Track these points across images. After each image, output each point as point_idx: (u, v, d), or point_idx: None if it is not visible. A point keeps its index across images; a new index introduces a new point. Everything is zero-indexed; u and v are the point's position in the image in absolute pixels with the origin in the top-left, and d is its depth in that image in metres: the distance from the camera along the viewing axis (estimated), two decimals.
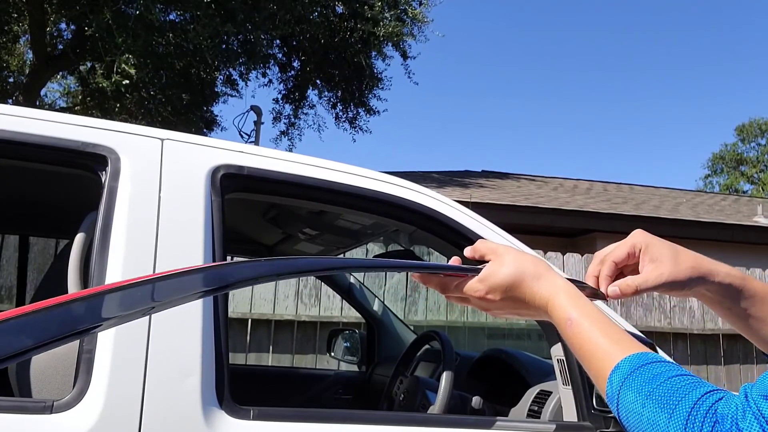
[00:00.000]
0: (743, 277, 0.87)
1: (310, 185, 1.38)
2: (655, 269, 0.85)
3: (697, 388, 0.64)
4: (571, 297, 0.80)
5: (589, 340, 0.74)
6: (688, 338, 5.97)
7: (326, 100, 12.04)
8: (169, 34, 8.23)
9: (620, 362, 0.69)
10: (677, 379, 0.65)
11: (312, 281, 5.14)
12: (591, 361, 0.74)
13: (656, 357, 0.69)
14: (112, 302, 0.64)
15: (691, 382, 0.65)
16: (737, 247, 8.33)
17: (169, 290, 0.68)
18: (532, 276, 0.83)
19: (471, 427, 1.41)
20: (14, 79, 11.44)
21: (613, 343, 0.72)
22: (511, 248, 0.88)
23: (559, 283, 0.82)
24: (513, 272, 0.84)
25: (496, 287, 0.85)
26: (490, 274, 0.86)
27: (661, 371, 0.67)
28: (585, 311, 0.78)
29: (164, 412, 1.10)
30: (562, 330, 0.79)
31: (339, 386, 2.81)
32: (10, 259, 4.34)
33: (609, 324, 0.76)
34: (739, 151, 30.15)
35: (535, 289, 0.83)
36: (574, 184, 11.83)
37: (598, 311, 0.78)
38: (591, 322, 0.76)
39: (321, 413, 1.30)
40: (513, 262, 0.85)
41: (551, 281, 0.83)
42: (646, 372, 0.67)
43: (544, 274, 0.84)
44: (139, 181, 1.22)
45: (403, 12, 10.27)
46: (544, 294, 0.82)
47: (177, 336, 1.14)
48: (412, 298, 5.62)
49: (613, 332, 0.74)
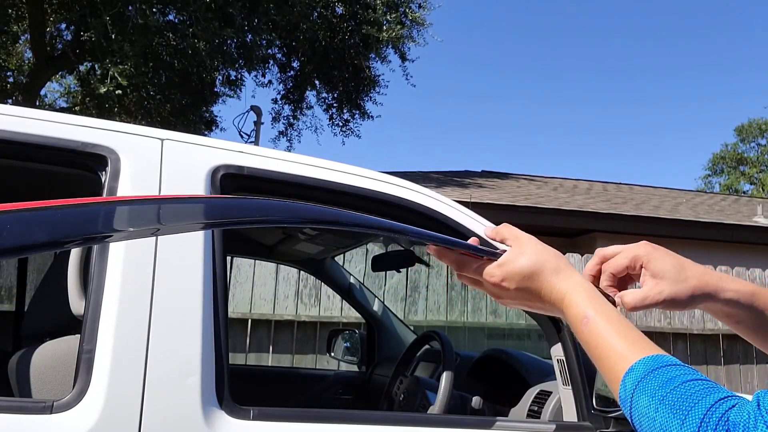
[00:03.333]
0: (752, 292, 0.83)
1: (310, 185, 1.38)
2: (656, 286, 0.81)
3: (710, 394, 0.63)
4: (589, 295, 0.79)
5: (605, 340, 0.73)
6: (688, 338, 5.97)
7: (323, 101, 12.05)
8: (169, 34, 8.24)
9: (635, 364, 0.68)
10: (691, 384, 0.64)
11: (312, 281, 5.14)
12: (605, 361, 0.72)
13: (671, 360, 0.68)
14: (122, 215, 0.64)
15: (705, 387, 0.64)
16: (737, 247, 8.33)
17: (173, 213, 0.67)
18: (552, 269, 0.82)
19: (471, 427, 1.41)
20: (14, 79, 11.44)
21: (628, 344, 0.71)
22: (533, 238, 0.86)
23: (578, 280, 0.81)
24: (533, 262, 0.82)
25: (513, 275, 0.83)
26: (509, 260, 0.84)
27: (675, 375, 0.66)
28: (602, 310, 0.76)
29: (164, 412, 1.10)
30: (576, 328, 0.77)
31: (339, 386, 2.81)
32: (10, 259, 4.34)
33: (626, 325, 0.74)
34: (739, 151, 30.17)
35: (553, 282, 0.81)
36: (574, 184, 11.83)
37: (616, 311, 0.77)
38: (607, 322, 0.74)
39: (321, 413, 1.30)
40: (534, 251, 0.83)
41: (570, 277, 0.81)
42: (661, 375, 0.66)
43: (564, 269, 0.82)
44: (139, 181, 1.22)
45: (404, 15, 10.27)
46: (562, 289, 0.80)
47: (177, 336, 1.14)
48: (412, 298, 5.62)
49: (630, 333, 0.73)
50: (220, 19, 8.12)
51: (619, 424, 1.37)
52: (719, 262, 6.43)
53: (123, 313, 1.11)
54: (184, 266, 1.17)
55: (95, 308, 1.11)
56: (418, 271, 5.59)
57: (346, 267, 3.58)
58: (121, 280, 1.13)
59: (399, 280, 5.54)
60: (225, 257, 1.25)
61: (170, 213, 0.67)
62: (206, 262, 1.19)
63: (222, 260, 1.22)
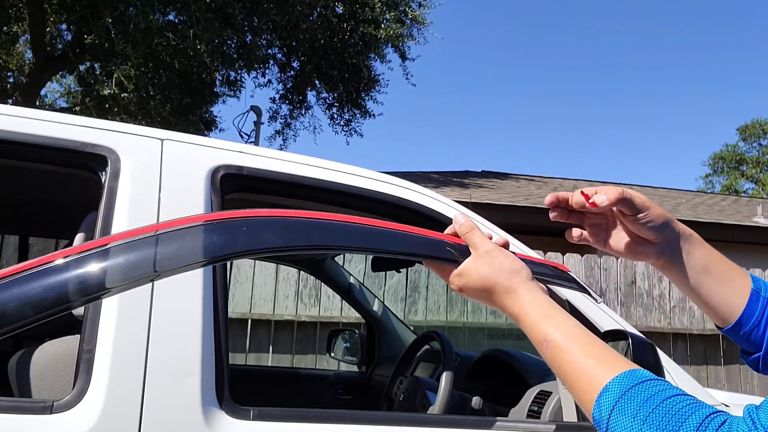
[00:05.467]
0: (703, 240, 0.90)
1: (310, 185, 1.38)
2: (634, 192, 0.86)
3: (697, 411, 0.60)
4: (544, 313, 0.76)
5: (570, 362, 0.70)
6: (688, 338, 5.97)
7: (323, 101, 12.04)
8: (169, 34, 8.23)
9: (608, 383, 0.65)
10: (673, 400, 0.62)
11: (312, 281, 5.14)
12: (574, 383, 0.69)
13: (646, 375, 0.66)
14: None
15: (689, 404, 0.61)
16: (737, 247, 8.32)
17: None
18: (503, 289, 0.80)
19: (471, 427, 1.41)
20: (14, 80, 11.44)
21: (596, 362, 0.68)
22: (492, 250, 0.84)
23: (529, 299, 0.78)
24: (485, 279, 0.82)
25: (468, 287, 0.84)
26: (464, 272, 0.84)
27: (654, 392, 0.63)
28: (561, 326, 0.73)
29: (164, 413, 1.10)
30: (540, 350, 0.75)
31: (339, 386, 2.81)
32: (10, 259, 4.34)
33: (590, 340, 0.71)
34: (740, 151, 30.16)
35: (506, 303, 0.80)
36: (574, 184, 11.83)
37: (577, 325, 0.74)
38: (569, 342, 0.71)
39: (321, 413, 1.30)
40: (488, 267, 0.82)
41: (522, 297, 0.79)
42: (639, 393, 0.63)
43: (516, 288, 0.80)
44: (139, 181, 1.22)
45: (403, 13, 10.26)
46: (515, 311, 0.79)
47: (177, 336, 1.14)
48: (412, 298, 5.62)
49: (595, 350, 0.70)
50: (220, 20, 8.12)
51: None
52: None
53: (123, 313, 1.11)
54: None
55: (95, 308, 1.11)
56: (418, 271, 5.59)
57: (346, 267, 3.58)
58: None
59: (399, 280, 5.54)
60: None
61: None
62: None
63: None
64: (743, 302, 0.87)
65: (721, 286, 0.88)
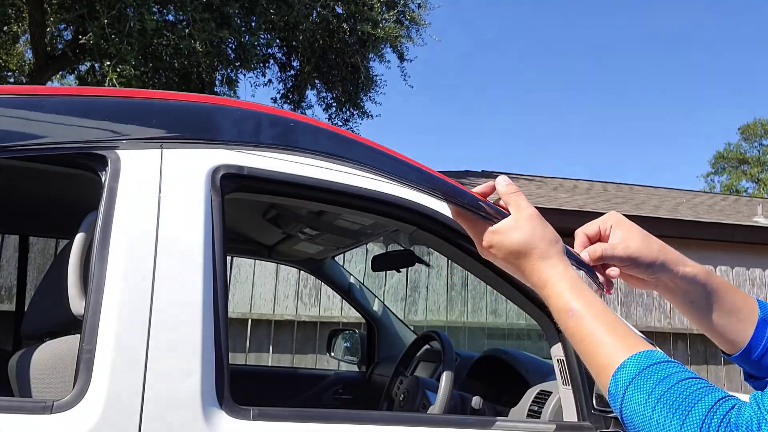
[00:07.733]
0: (707, 272, 0.87)
1: (310, 185, 1.38)
2: (623, 241, 0.86)
3: (709, 394, 0.63)
4: (574, 286, 0.77)
5: (592, 334, 0.72)
6: (688, 338, 5.97)
7: (322, 101, 12.04)
8: (168, 34, 8.23)
9: (626, 360, 0.68)
10: (688, 382, 0.64)
11: (312, 281, 5.14)
12: (593, 356, 0.71)
13: (663, 357, 0.68)
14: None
15: (703, 387, 0.64)
16: (737, 247, 8.32)
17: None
18: (540, 254, 0.80)
19: (471, 427, 1.41)
20: (14, 79, 11.43)
21: (617, 339, 0.70)
22: (534, 214, 0.84)
23: (562, 269, 0.79)
24: (524, 241, 0.81)
25: (502, 246, 0.83)
26: (501, 230, 0.83)
27: (670, 373, 0.66)
28: (589, 302, 0.75)
29: (164, 412, 1.10)
30: (560, 320, 0.76)
31: (339, 386, 2.81)
32: (10, 259, 4.34)
33: (613, 318, 0.73)
34: (742, 150, 30.16)
35: (538, 267, 0.80)
36: (574, 184, 11.83)
37: (602, 303, 0.76)
38: (594, 315, 0.73)
39: (321, 413, 1.30)
40: (529, 230, 0.82)
41: (556, 265, 0.79)
42: (655, 373, 0.66)
43: (553, 257, 0.80)
44: (139, 181, 1.22)
45: (402, 14, 10.26)
46: (544, 276, 0.79)
47: (177, 336, 1.14)
48: (412, 298, 5.62)
49: (617, 327, 0.72)
50: (217, 20, 8.11)
51: (619, 424, 1.37)
52: (719, 262, 6.44)
53: (123, 313, 1.11)
54: (184, 266, 1.17)
55: (95, 308, 1.11)
56: (418, 271, 5.59)
57: (346, 267, 3.58)
58: (121, 279, 1.13)
59: (399, 280, 5.54)
60: (225, 256, 1.25)
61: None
62: (206, 262, 1.19)
63: (222, 260, 1.22)
64: (750, 330, 0.87)
65: (726, 318, 0.88)
